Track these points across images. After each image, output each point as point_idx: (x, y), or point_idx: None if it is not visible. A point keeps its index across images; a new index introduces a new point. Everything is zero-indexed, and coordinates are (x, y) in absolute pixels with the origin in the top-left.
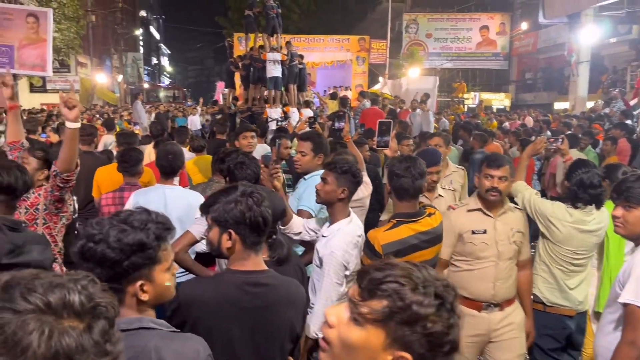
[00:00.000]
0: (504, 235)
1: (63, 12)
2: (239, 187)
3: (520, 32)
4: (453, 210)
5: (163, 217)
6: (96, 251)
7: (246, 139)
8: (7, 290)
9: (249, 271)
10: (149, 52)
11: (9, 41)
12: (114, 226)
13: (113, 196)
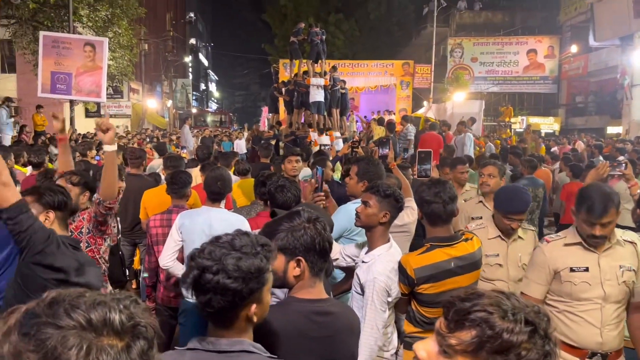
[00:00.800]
0: (610, 274)
1: (118, 41)
2: (301, 212)
3: (570, 55)
4: (547, 243)
5: (264, 239)
6: (217, 282)
7: (291, 163)
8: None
9: (315, 300)
10: (198, 78)
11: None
12: (227, 255)
13: (161, 218)
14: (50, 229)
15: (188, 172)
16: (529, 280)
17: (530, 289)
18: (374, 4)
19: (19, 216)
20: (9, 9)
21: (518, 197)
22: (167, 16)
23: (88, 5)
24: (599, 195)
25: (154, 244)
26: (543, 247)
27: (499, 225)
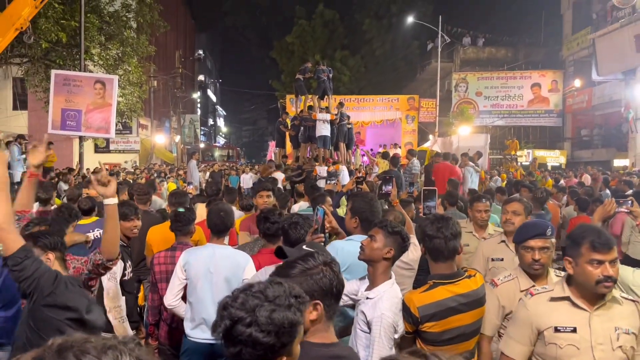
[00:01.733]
0: (603, 337)
1: (128, 78)
2: (315, 255)
3: (574, 89)
4: (531, 296)
5: (298, 290)
6: (250, 335)
7: (262, 198)
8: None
9: (329, 344)
10: (206, 114)
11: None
12: (260, 306)
13: (165, 255)
14: (55, 270)
15: (192, 209)
16: (509, 338)
17: (509, 349)
18: (379, 41)
19: (23, 262)
20: (22, 48)
21: (534, 222)
22: (177, 54)
23: (100, 44)
24: (600, 231)
25: (157, 282)
26: (526, 301)
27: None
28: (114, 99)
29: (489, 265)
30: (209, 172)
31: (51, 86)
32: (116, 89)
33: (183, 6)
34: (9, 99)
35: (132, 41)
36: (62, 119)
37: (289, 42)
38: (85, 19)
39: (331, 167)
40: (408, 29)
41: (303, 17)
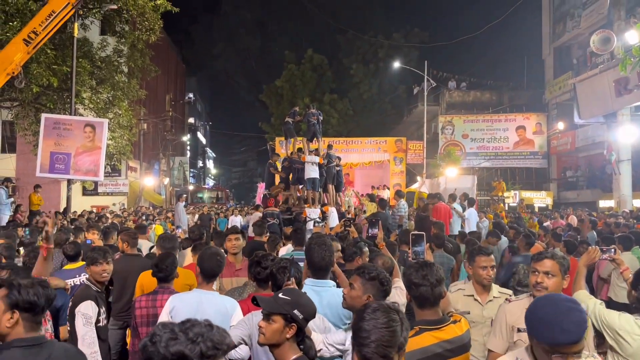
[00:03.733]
0: None
1: (118, 121)
2: None
3: (557, 131)
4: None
5: (220, 337)
6: (148, 352)
7: (231, 241)
8: None
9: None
10: (195, 156)
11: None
12: (170, 332)
13: (147, 299)
14: None
15: (173, 255)
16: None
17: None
18: (367, 85)
19: None
20: (13, 92)
21: (569, 318)
22: (167, 97)
23: (90, 88)
24: None
25: (138, 326)
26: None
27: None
28: (103, 142)
29: (514, 337)
30: (198, 214)
31: (41, 129)
32: (106, 132)
33: (174, 50)
34: None
35: (123, 85)
36: (50, 162)
37: (279, 85)
38: (77, 63)
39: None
40: (395, 73)
41: (292, 61)
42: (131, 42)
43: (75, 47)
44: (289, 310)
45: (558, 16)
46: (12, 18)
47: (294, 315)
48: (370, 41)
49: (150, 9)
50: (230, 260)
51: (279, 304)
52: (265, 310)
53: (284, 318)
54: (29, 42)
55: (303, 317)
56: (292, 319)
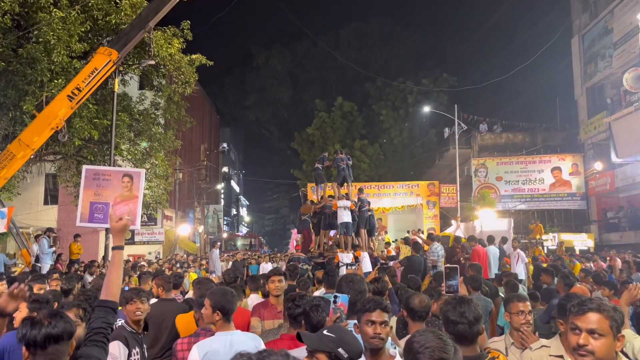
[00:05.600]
0: None
1: (154, 171)
2: None
3: (595, 172)
4: (530, 350)
5: None
6: None
7: (274, 283)
8: None
9: None
10: (229, 204)
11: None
12: None
13: (188, 341)
14: None
15: None
16: None
17: None
18: (397, 130)
19: None
20: (57, 146)
21: None
22: (202, 147)
23: (129, 140)
24: None
25: None
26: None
27: None
28: (140, 192)
29: None
30: (232, 261)
31: (82, 180)
32: (143, 181)
33: (208, 102)
34: (41, 194)
35: (160, 136)
36: (90, 212)
37: (310, 133)
38: (117, 117)
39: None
40: (425, 117)
41: (323, 109)
42: (168, 95)
43: (115, 101)
44: (334, 348)
45: (589, 57)
46: (57, 76)
47: (338, 354)
48: (399, 87)
49: (185, 63)
50: (272, 302)
51: (324, 342)
52: (309, 348)
53: (328, 356)
54: (72, 98)
55: (348, 356)
56: (337, 358)
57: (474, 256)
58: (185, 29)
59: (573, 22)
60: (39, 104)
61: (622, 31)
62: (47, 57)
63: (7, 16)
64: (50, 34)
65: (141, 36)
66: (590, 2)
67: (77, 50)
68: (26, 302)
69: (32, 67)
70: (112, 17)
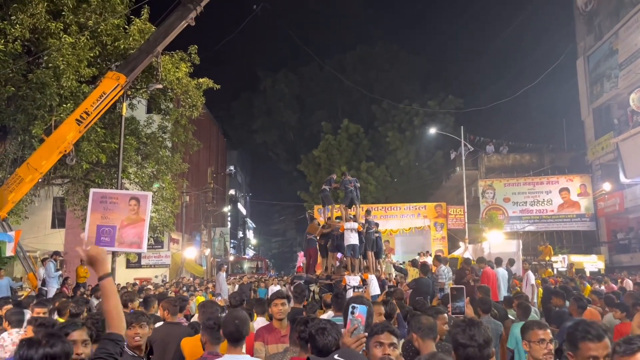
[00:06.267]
0: None
1: (161, 194)
2: None
3: (604, 192)
4: None
5: None
6: None
7: (277, 306)
8: None
9: None
10: (236, 227)
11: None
12: None
13: None
14: None
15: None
16: None
17: None
18: (404, 152)
19: None
20: (65, 169)
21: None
22: (209, 170)
23: (136, 163)
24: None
25: None
26: None
27: None
28: (147, 215)
29: None
30: (238, 284)
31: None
32: (150, 204)
33: (216, 126)
34: (48, 217)
35: (167, 160)
36: (97, 235)
37: (316, 155)
38: (125, 140)
39: None
40: (431, 139)
41: (329, 131)
42: (175, 118)
43: (122, 125)
44: None
45: (594, 78)
46: (66, 100)
47: None
48: (405, 109)
49: (193, 87)
50: (275, 326)
51: None
52: None
53: None
54: (80, 122)
55: None
56: None
57: (484, 278)
58: (192, 53)
59: (578, 44)
60: (48, 128)
61: (627, 52)
62: (57, 81)
63: (18, 42)
64: (60, 60)
65: (149, 61)
66: (595, 24)
67: (86, 75)
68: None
69: (42, 92)
70: (121, 43)
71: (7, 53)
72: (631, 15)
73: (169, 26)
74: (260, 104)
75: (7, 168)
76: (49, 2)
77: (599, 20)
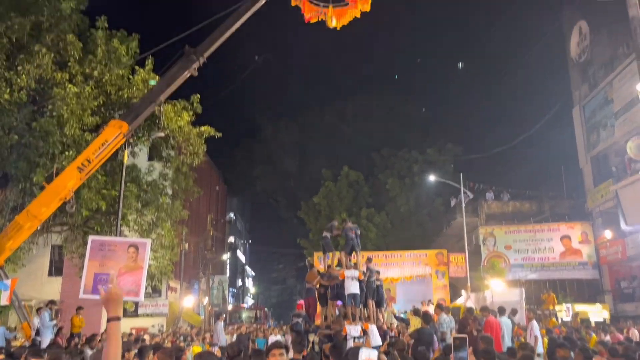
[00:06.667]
0: None
1: (160, 242)
2: None
3: (605, 240)
4: None
5: None
6: None
7: (275, 357)
8: None
9: None
10: (235, 274)
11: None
12: None
13: None
14: None
15: None
16: None
17: None
18: (404, 199)
19: None
20: (64, 216)
21: None
22: (209, 217)
23: (136, 210)
24: None
25: None
26: None
27: None
28: (145, 262)
29: None
30: (236, 334)
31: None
32: (149, 252)
33: (216, 173)
34: (46, 266)
35: (167, 207)
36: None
37: (316, 202)
38: (125, 188)
39: None
40: (431, 186)
41: (329, 178)
42: (176, 166)
43: (124, 172)
44: None
45: (591, 126)
46: (68, 148)
47: None
48: (405, 157)
49: (195, 135)
50: None
51: None
52: None
53: None
54: (82, 169)
55: None
56: None
57: (487, 328)
58: (195, 102)
59: (573, 93)
60: (49, 176)
61: (622, 101)
62: (60, 130)
63: (23, 92)
64: (64, 108)
65: (152, 109)
66: (589, 73)
67: (89, 124)
68: None
69: (45, 140)
70: (125, 92)
71: (13, 102)
72: (625, 65)
73: (172, 76)
74: (261, 151)
75: (6, 215)
76: (56, 53)
77: (593, 70)
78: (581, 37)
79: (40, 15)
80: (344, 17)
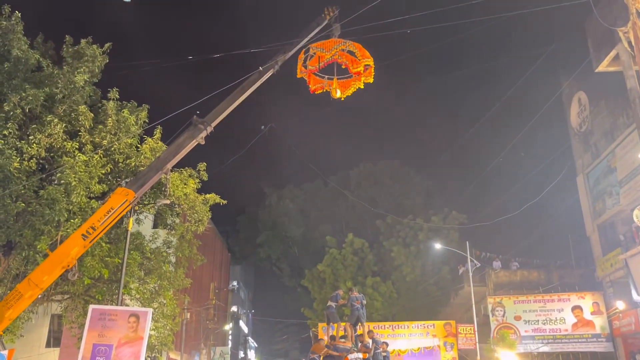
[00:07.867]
0: None
1: (162, 311)
2: None
3: (618, 311)
4: None
5: None
6: None
7: None
8: None
9: None
10: (237, 346)
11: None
12: None
13: None
14: None
15: None
16: None
17: None
18: (409, 267)
19: None
20: (65, 285)
21: None
22: (212, 285)
23: (138, 278)
24: None
25: None
26: None
27: None
28: (146, 333)
29: None
30: None
31: (87, 321)
32: (150, 322)
33: (220, 240)
34: (44, 336)
35: (170, 275)
36: (92, 354)
37: (321, 270)
38: (128, 256)
39: None
40: (437, 254)
41: (334, 246)
42: (181, 233)
43: (128, 240)
44: None
45: (595, 195)
46: (74, 216)
47: None
48: (410, 224)
49: (200, 202)
50: None
51: None
52: None
53: None
54: (86, 237)
55: None
56: None
57: None
58: (201, 170)
59: (576, 161)
60: (53, 243)
61: (626, 169)
62: (67, 197)
63: (33, 160)
64: (72, 176)
65: (158, 177)
66: (591, 143)
67: (96, 191)
68: None
69: (51, 208)
70: (132, 160)
71: (22, 170)
72: (626, 135)
73: (179, 145)
74: (265, 218)
75: (7, 284)
76: (67, 123)
77: (595, 139)
78: (581, 107)
79: (54, 87)
80: (349, 89)
